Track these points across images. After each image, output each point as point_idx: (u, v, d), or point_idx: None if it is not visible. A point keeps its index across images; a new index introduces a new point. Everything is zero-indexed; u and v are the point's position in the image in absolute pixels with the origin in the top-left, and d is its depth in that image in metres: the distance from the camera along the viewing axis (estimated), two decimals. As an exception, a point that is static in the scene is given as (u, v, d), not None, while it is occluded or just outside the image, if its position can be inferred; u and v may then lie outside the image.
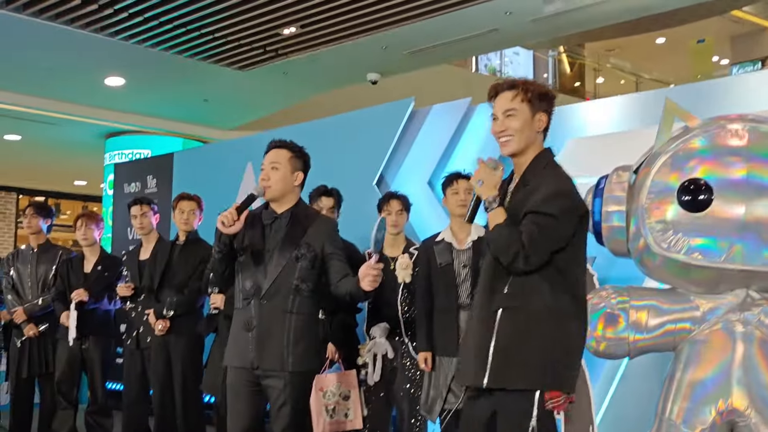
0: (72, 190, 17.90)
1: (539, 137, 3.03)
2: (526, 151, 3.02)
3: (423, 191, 6.23)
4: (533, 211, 2.87)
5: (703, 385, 3.46)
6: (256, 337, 3.66)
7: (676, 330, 3.58)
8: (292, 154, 3.81)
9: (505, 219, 2.91)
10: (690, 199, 3.46)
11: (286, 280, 3.66)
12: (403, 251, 4.88)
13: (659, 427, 3.58)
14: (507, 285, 2.91)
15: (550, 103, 3.01)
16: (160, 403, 5.58)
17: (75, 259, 6.19)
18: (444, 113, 6.39)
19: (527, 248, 2.81)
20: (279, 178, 3.74)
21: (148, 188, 8.80)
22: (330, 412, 4.67)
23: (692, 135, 3.58)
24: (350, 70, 9.80)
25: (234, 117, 11.83)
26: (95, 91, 10.45)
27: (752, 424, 3.40)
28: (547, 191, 2.89)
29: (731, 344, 3.46)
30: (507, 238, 2.85)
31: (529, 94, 2.97)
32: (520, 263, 2.83)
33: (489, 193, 2.97)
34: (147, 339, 5.63)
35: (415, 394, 4.73)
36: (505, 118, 3.00)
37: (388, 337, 4.81)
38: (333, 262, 3.73)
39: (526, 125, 2.97)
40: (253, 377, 3.67)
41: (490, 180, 2.99)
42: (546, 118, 3.01)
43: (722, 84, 5.47)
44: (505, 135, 3.01)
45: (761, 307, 3.48)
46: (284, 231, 3.73)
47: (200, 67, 9.48)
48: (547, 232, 2.84)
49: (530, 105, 2.97)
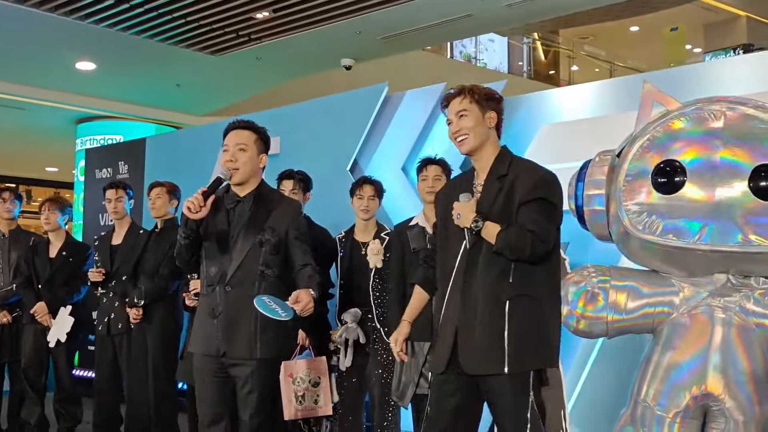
0: (43, 176, 17.71)
1: (492, 134, 3.29)
2: (483, 147, 3.27)
3: (397, 177, 6.21)
4: (526, 201, 3.10)
5: (679, 369, 3.48)
6: (222, 325, 3.61)
7: (654, 313, 3.58)
8: (257, 136, 3.75)
9: (500, 226, 3.09)
10: (665, 181, 3.47)
11: (251, 265, 3.61)
12: (374, 237, 4.86)
13: (634, 409, 3.59)
14: (511, 275, 3.11)
15: (497, 102, 3.30)
16: (132, 391, 5.53)
17: (40, 244, 6.11)
18: (418, 98, 6.37)
19: (539, 233, 3.05)
20: (246, 160, 3.69)
21: (119, 174, 8.71)
22: (299, 399, 4.66)
23: (670, 118, 3.59)
24: (324, 56, 9.73)
25: (207, 102, 11.73)
26: (66, 76, 10.31)
27: (726, 409, 3.41)
28: (533, 180, 3.14)
29: (710, 329, 3.47)
30: (516, 238, 3.04)
31: (476, 95, 3.25)
32: (540, 249, 3.07)
33: (470, 219, 3.14)
34: (118, 325, 5.58)
35: (387, 379, 4.72)
36: (458, 119, 3.26)
37: (359, 323, 4.79)
38: (294, 249, 3.69)
39: (478, 123, 3.24)
40: (220, 364, 3.62)
41: (465, 209, 3.17)
42: (496, 116, 3.27)
43: (695, 70, 5.49)
44: (460, 134, 3.27)
45: (741, 292, 3.50)
46: (248, 215, 3.67)
47: (172, 51, 9.37)
48: (547, 215, 3.12)
49: (479, 105, 3.25)
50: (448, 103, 3.32)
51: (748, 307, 3.49)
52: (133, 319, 5.38)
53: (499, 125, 3.31)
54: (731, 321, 3.47)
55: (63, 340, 5.83)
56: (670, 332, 3.56)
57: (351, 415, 4.86)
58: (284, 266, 3.70)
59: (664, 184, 3.47)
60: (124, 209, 5.86)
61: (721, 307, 3.49)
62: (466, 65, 17.27)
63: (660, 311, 3.59)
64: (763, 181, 3.40)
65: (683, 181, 3.44)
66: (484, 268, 3.15)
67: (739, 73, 4.97)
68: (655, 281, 3.63)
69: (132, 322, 5.41)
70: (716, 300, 3.50)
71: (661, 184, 3.47)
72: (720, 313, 3.48)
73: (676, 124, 3.57)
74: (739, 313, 3.48)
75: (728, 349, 3.44)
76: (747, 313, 3.49)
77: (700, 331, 3.48)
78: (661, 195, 3.45)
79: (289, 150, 6.94)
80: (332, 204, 5.63)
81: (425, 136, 6.27)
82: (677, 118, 3.58)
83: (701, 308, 3.52)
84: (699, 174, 3.45)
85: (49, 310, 5.88)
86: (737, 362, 3.43)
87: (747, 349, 3.44)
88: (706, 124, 3.53)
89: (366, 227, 4.93)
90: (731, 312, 3.48)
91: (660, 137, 3.55)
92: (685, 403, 3.45)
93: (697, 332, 3.49)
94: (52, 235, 6.10)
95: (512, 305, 3.09)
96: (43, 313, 5.86)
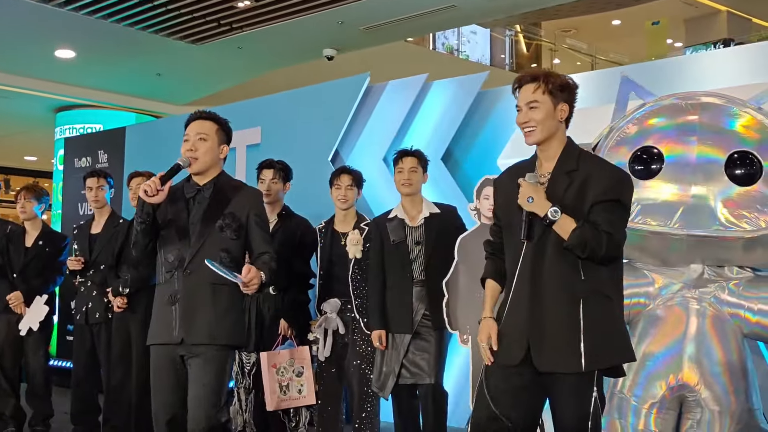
0: (22, 165, 17.57)
1: (561, 126, 3.13)
2: (550, 139, 3.12)
3: (378, 168, 6.20)
4: (601, 201, 2.98)
5: (655, 360, 3.51)
6: (181, 311, 3.57)
7: (630, 305, 3.62)
8: (218, 127, 3.74)
9: (576, 222, 2.97)
10: (642, 168, 3.50)
11: (210, 250, 3.56)
12: (354, 227, 4.85)
13: (610, 401, 3.62)
14: (582, 271, 3.01)
15: (570, 93, 3.12)
16: (111, 380, 5.49)
17: (15, 232, 6.04)
18: (400, 89, 6.36)
19: (614, 235, 2.96)
20: (206, 150, 3.68)
21: (99, 163, 8.66)
22: (284, 389, 4.65)
23: (646, 111, 3.63)
24: (306, 46, 9.69)
25: (188, 92, 11.66)
26: (45, 64, 10.22)
27: (701, 399, 3.45)
28: (609, 180, 3.01)
29: (685, 320, 3.50)
30: (592, 237, 2.93)
31: (550, 85, 3.08)
32: (613, 251, 2.98)
33: (546, 207, 3.00)
34: (96, 315, 5.54)
35: (366, 369, 4.72)
36: (529, 110, 3.09)
37: (339, 313, 4.79)
38: (254, 235, 3.68)
39: (548, 116, 3.08)
40: (176, 352, 3.59)
41: (539, 194, 3.03)
42: (567, 108, 3.11)
43: (676, 63, 5.52)
44: (528, 126, 3.10)
45: (716, 283, 3.53)
46: (207, 202, 3.66)
47: (153, 40, 9.30)
48: (621, 216, 3.02)
49: (551, 96, 3.08)
50: (519, 85, 3.16)
51: (723, 298, 3.53)
52: (117, 307, 5.33)
53: (569, 118, 3.16)
54: (706, 312, 3.50)
55: (35, 329, 5.77)
56: (645, 324, 3.59)
57: (330, 406, 4.85)
58: (243, 252, 3.69)
59: (642, 171, 3.51)
60: (105, 198, 5.81)
61: (696, 298, 3.53)
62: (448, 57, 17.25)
63: (635, 302, 3.63)
64: (738, 168, 3.45)
65: (660, 168, 3.49)
66: (554, 262, 3.03)
67: (719, 66, 5.00)
68: (631, 273, 3.66)
69: (116, 310, 5.36)
70: (691, 291, 3.54)
71: (639, 171, 3.51)
72: (695, 304, 3.52)
73: (653, 118, 3.62)
74: (713, 303, 3.51)
75: (703, 340, 3.47)
76: (721, 304, 3.52)
77: (675, 322, 3.52)
78: (638, 181, 3.49)
79: (270, 140, 6.92)
80: (313, 194, 5.61)
81: (407, 127, 6.26)
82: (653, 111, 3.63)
83: (676, 300, 3.55)
84: (676, 165, 3.50)
85: (24, 300, 5.83)
86: (712, 353, 3.46)
87: (721, 340, 3.48)
88: (683, 118, 3.57)
89: (345, 217, 4.92)
90: (706, 303, 3.51)
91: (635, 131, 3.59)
92: (661, 394, 3.48)
93: (672, 323, 3.53)
94: (28, 224, 6.04)
95: (586, 302, 2.99)
96: (18, 302, 5.81)
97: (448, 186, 5.87)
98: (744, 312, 3.49)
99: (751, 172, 3.45)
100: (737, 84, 4.49)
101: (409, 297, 4.58)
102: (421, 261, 4.60)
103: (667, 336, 3.51)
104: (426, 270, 4.57)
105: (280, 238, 4.82)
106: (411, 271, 4.60)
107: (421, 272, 4.58)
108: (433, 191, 5.60)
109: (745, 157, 3.46)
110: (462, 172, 5.99)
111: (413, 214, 4.67)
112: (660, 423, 3.49)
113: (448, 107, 6.11)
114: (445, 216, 4.69)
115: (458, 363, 5.48)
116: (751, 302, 3.50)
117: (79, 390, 5.74)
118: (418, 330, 4.56)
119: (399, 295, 4.59)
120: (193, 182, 3.73)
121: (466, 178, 5.83)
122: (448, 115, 6.09)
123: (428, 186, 4.98)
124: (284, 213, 4.97)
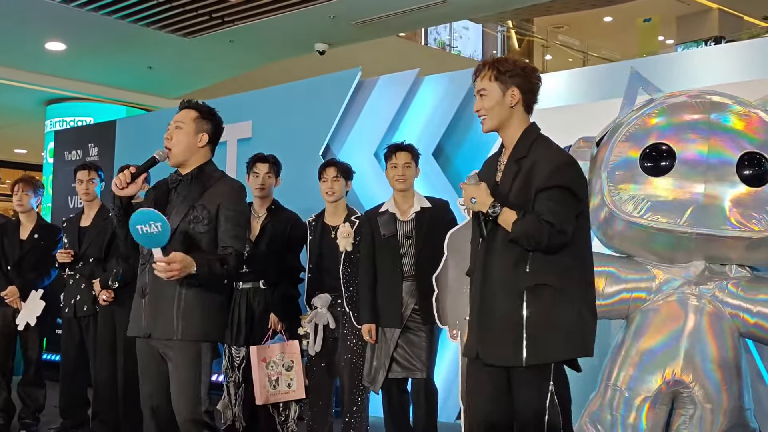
0: (12, 158, 17.50)
1: (516, 111, 3.09)
2: (507, 126, 3.11)
3: (369, 162, 6.20)
4: (543, 188, 2.94)
5: (651, 354, 3.53)
6: (147, 304, 3.54)
7: (631, 299, 3.64)
8: (198, 114, 3.62)
9: (517, 213, 2.95)
10: (652, 165, 3.51)
11: (178, 243, 3.46)
12: (344, 220, 4.84)
13: (604, 393, 3.63)
14: (528, 263, 2.97)
15: (524, 78, 3.08)
16: (99, 373, 5.47)
17: (9, 224, 6.02)
18: (391, 84, 6.35)
19: (556, 224, 2.89)
20: (181, 138, 3.57)
21: (89, 156, 8.62)
22: (273, 383, 4.65)
23: (653, 107, 3.64)
24: (298, 40, 9.67)
25: (179, 85, 11.61)
26: (35, 56, 10.16)
27: (695, 395, 3.46)
28: (550, 166, 2.96)
29: (683, 316, 3.51)
30: (534, 228, 2.90)
31: (496, 71, 3.07)
32: (557, 240, 2.91)
33: (487, 204, 3.01)
34: (84, 308, 5.52)
35: (356, 363, 4.72)
36: (479, 98, 3.12)
37: (329, 307, 4.78)
38: (221, 228, 3.54)
39: (497, 103, 3.07)
40: (152, 345, 3.55)
41: (479, 193, 3.04)
42: (518, 93, 3.06)
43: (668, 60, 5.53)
44: (479, 114, 3.13)
45: (716, 282, 3.54)
46: (184, 193, 3.58)
47: (144, 33, 9.26)
48: (565, 203, 2.94)
49: (499, 82, 3.07)
50: (477, 74, 3.17)
51: (722, 297, 3.53)
52: (103, 300, 5.32)
53: (527, 101, 3.10)
54: (704, 309, 3.51)
55: (33, 323, 5.76)
56: (643, 318, 3.60)
57: (321, 400, 4.85)
58: (214, 245, 3.55)
59: (652, 168, 3.52)
60: (95, 191, 5.79)
61: (696, 294, 3.54)
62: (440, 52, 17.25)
63: (636, 297, 3.63)
64: (749, 168, 3.46)
65: (670, 165, 3.50)
66: (501, 255, 3.03)
67: (711, 64, 5.01)
68: (632, 267, 3.67)
69: (102, 303, 5.34)
70: (691, 288, 3.55)
71: (649, 168, 3.52)
72: (694, 300, 3.53)
73: (658, 116, 3.63)
74: (713, 301, 3.53)
75: (700, 337, 3.48)
76: (721, 302, 3.53)
77: (673, 318, 3.53)
78: (648, 178, 3.50)
79: (261, 134, 6.90)
80: (304, 189, 5.60)
81: (398, 122, 6.26)
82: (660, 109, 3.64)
83: (676, 295, 3.56)
84: (687, 163, 3.50)
85: (19, 294, 5.81)
86: (708, 350, 3.47)
87: (718, 338, 3.49)
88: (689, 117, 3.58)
89: (336, 210, 4.91)
90: (705, 300, 3.52)
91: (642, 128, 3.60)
92: (655, 388, 3.49)
93: (669, 319, 3.54)
94: (23, 217, 6.01)
95: (530, 295, 2.95)
96: (15, 296, 5.79)
97: (439, 181, 5.87)
98: (743, 313, 3.50)
99: (761, 172, 3.46)
100: (728, 81, 4.50)
101: (399, 291, 4.58)
102: (411, 255, 4.60)
103: (664, 331, 3.53)
104: (416, 264, 4.57)
105: (270, 233, 4.82)
106: (401, 266, 4.60)
107: (412, 266, 4.58)
108: (424, 186, 5.60)
109: (754, 158, 3.47)
110: (453, 167, 5.99)
111: (404, 208, 4.67)
112: (651, 417, 3.50)
113: (440, 102, 6.11)
114: (437, 210, 4.68)
115: (448, 358, 5.48)
116: (749, 303, 3.50)
117: (68, 383, 5.72)
118: (407, 324, 4.56)
119: (389, 290, 4.58)
120: (178, 172, 3.66)
121: (456, 174, 5.83)
122: (439, 110, 6.09)
123: (419, 181, 4.98)
124: (273, 207, 4.97)
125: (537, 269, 2.96)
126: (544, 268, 2.96)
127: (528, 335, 2.93)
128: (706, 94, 3.70)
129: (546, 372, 2.95)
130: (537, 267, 2.96)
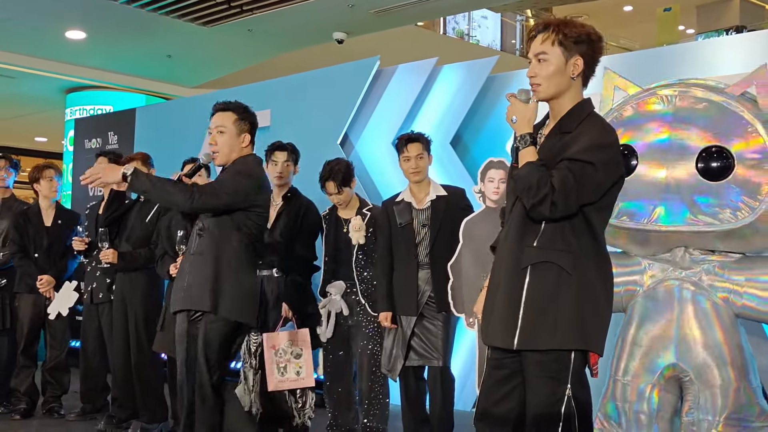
0: (32, 146, 17.60)
1: (575, 83, 2.79)
2: (561, 97, 2.79)
3: (387, 151, 6.21)
4: (570, 158, 2.65)
5: (645, 343, 3.58)
6: (181, 282, 3.91)
7: (624, 291, 3.69)
8: (236, 116, 3.89)
9: (537, 159, 2.70)
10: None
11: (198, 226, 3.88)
12: (356, 213, 4.87)
13: (613, 387, 3.66)
14: (537, 239, 2.70)
15: (589, 45, 2.77)
16: (115, 359, 5.52)
17: (30, 211, 6.05)
18: (410, 73, 6.36)
19: (556, 193, 2.60)
20: (224, 142, 3.85)
21: (109, 144, 8.67)
22: (281, 370, 4.68)
23: (624, 103, 3.71)
24: (316, 29, 9.68)
25: (198, 74, 11.66)
26: (55, 45, 10.23)
27: (697, 380, 3.50)
28: (589, 141, 2.67)
29: (675, 303, 3.56)
30: (537, 178, 2.63)
31: (561, 36, 2.74)
32: (546, 208, 2.62)
33: (522, 130, 2.75)
34: (99, 295, 5.57)
35: (374, 349, 4.75)
36: (537, 63, 2.78)
37: (343, 296, 4.81)
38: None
39: (557, 71, 2.75)
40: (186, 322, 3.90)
41: (524, 115, 2.76)
42: (582, 63, 2.75)
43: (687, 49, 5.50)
44: (533, 81, 2.80)
45: (701, 265, 3.57)
46: None
47: (163, 22, 9.30)
48: (583, 181, 2.62)
49: (563, 48, 2.74)
50: (533, 36, 2.81)
51: (711, 280, 3.57)
52: (103, 256, 5.30)
53: (587, 74, 2.79)
54: (695, 294, 3.55)
55: (64, 314, 5.81)
56: (638, 309, 3.66)
57: (341, 387, 4.89)
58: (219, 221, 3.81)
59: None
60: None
61: (686, 280, 3.58)
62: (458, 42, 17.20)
63: (628, 289, 3.70)
64: (709, 162, 3.50)
65: (635, 164, 3.57)
66: (514, 229, 2.78)
67: (731, 53, 4.98)
68: (623, 261, 3.74)
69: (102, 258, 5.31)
70: (679, 274, 3.59)
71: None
72: (686, 285, 3.58)
73: (628, 110, 3.70)
74: (702, 285, 3.56)
75: (689, 322, 3.53)
76: (710, 285, 3.56)
77: (666, 306, 3.57)
78: None
79: (280, 123, 6.92)
80: (321, 177, 5.61)
81: (416, 111, 6.27)
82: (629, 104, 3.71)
83: (666, 283, 3.61)
84: (650, 156, 3.58)
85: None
86: (698, 334, 3.51)
87: (712, 321, 3.53)
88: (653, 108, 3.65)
89: (348, 203, 4.93)
90: (695, 285, 3.56)
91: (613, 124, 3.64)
92: (657, 376, 3.53)
93: (660, 306, 3.60)
94: (46, 203, 6.06)
95: (534, 272, 2.67)
96: (50, 286, 5.84)
97: (456, 170, 5.88)
98: (731, 295, 3.51)
99: (724, 165, 3.47)
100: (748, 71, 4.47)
101: (415, 279, 4.60)
102: (427, 243, 4.61)
103: (656, 319, 3.58)
104: (431, 252, 4.58)
105: (284, 221, 4.83)
106: (417, 254, 4.62)
107: (427, 255, 4.60)
108: (442, 175, 5.61)
109: (717, 151, 3.49)
110: (470, 156, 6.00)
111: (420, 197, 4.68)
112: (659, 405, 3.54)
113: (458, 91, 6.11)
114: (452, 198, 4.68)
115: (464, 346, 5.50)
116: (736, 285, 3.51)
117: (88, 369, 5.79)
118: (423, 312, 4.57)
119: (405, 278, 4.60)
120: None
121: (474, 163, 5.83)
122: (457, 99, 6.09)
123: (437, 170, 4.99)
124: (289, 195, 4.96)
125: (544, 245, 2.68)
126: (553, 245, 2.68)
127: (524, 316, 2.66)
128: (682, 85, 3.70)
129: (562, 371, 2.65)
130: (545, 243, 2.69)
